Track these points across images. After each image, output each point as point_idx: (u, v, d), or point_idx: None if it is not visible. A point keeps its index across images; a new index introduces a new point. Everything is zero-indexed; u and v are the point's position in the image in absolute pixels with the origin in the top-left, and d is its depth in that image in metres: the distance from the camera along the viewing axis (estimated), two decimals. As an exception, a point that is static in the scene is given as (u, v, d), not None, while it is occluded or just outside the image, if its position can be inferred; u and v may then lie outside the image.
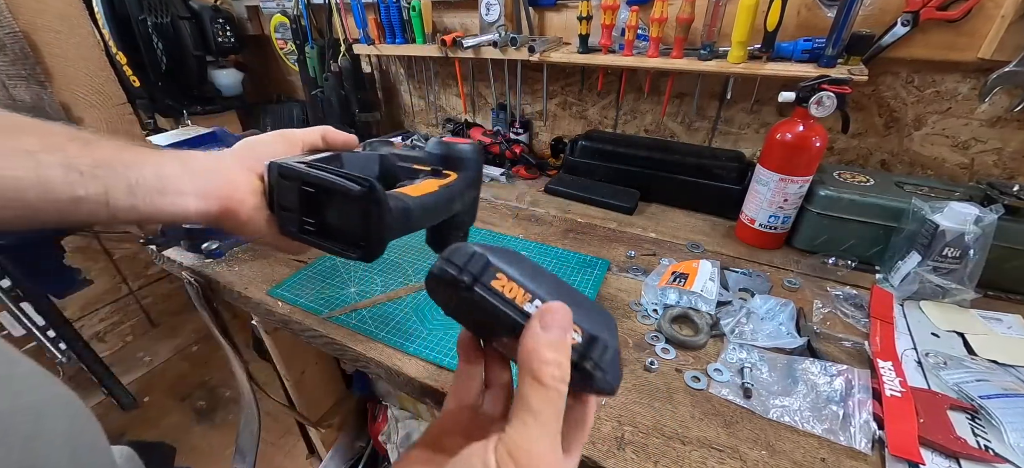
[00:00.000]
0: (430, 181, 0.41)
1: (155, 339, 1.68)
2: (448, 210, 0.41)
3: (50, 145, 0.27)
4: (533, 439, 0.20)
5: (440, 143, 0.44)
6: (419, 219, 0.37)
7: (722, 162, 0.81)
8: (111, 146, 0.30)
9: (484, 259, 0.24)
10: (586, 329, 0.23)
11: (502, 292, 0.23)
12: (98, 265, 1.46)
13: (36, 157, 0.27)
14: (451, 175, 0.43)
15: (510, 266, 0.24)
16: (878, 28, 0.69)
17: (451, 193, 0.41)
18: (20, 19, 0.94)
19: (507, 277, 0.23)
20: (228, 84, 1.46)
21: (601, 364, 0.23)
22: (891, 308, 0.57)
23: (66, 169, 0.27)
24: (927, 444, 0.40)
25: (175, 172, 0.31)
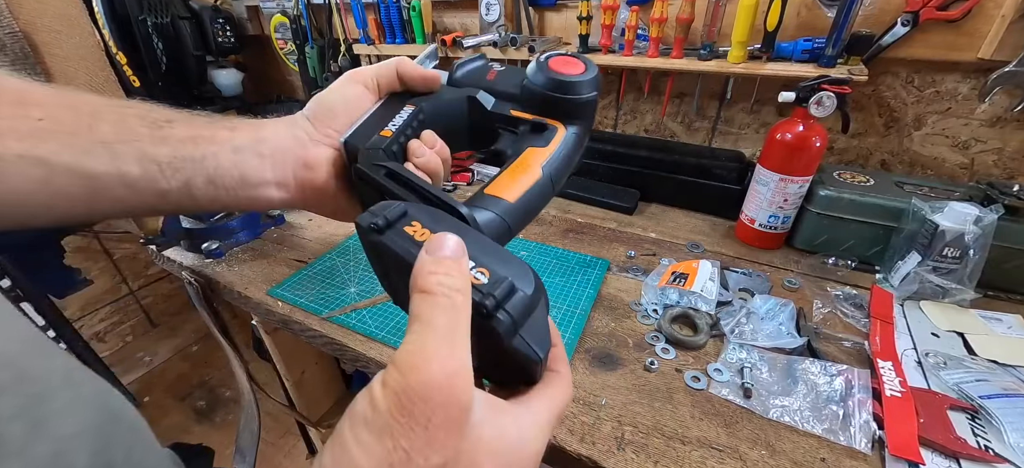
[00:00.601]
0: (530, 154, 0.31)
1: (155, 339, 1.69)
2: (550, 193, 0.31)
3: (124, 133, 0.26)
4: (419, 344, 0.16)
5: (544, 70, 0.32)
6: (516, 230, 0.29)
7: (722, 162, 0.81)
8: (184, 130, 0.29)
9: (403, 209, 0.23)
10: (495, 270, 0.21)
11: (412, 236, 0.22)
12: (98, 265, 1.47)
13: (112, 148, 0.26)
14: (558, 129, 0.32)
15: (435, 221, 0.23)
16: (878, 28, 0.69)
17: (555, 172, 0.31)
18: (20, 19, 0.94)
19: (421, 224, 0.22)
20: (228, 84, 1.46)
21: (508, 307, 0.20)
22: (891, 308, 0.57)
23: (143, 162, 0.26)
24: (927, 444, 0.40)
25: (253, 162, 0.30)
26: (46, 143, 0.24)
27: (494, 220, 0.27)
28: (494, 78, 0.36)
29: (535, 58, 0.34)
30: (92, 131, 0.25)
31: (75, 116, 0.25)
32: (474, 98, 0.34)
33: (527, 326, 0.21)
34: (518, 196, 0.29)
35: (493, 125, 0.34)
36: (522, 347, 0.20)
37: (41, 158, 0.24)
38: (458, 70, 0.36)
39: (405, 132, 0.32)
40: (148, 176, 0.27)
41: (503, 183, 0.29)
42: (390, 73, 0.34)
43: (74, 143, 0.25)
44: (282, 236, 0.78)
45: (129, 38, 1.18)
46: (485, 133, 0.35)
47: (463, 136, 0.37)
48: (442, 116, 0.35)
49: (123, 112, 0.27)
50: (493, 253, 0.22)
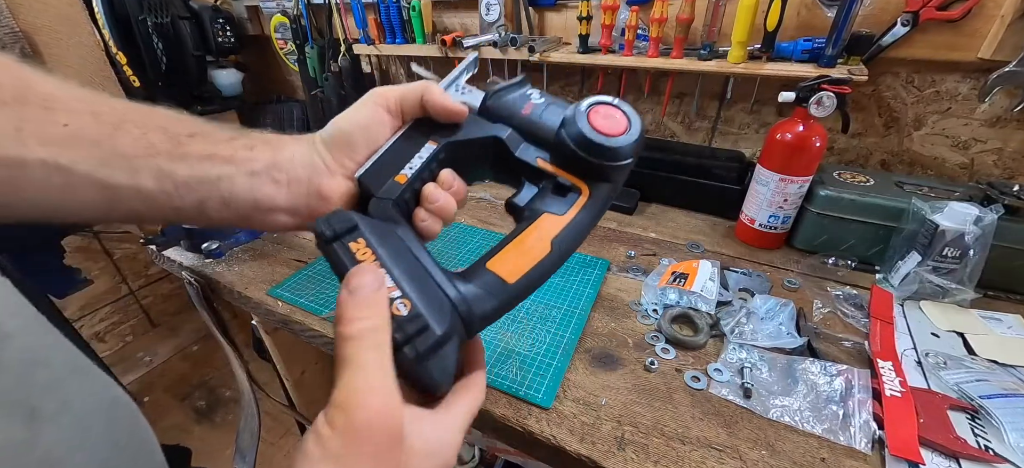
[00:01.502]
0: (544, 223, 0.29)
1: (155, 339, 1.68)
2: (556, 268, 0.29)
3: (144, 147, 0.26)
4: (356, 385, 0.20)
5: (583, 124, 0.29)
6: (508, 309, 0.28)
7: (722, 162, 0.81)
8: (203, 146, 0.28)
9: (353, 223, 0.25)
10: (416, 305, 0.23)
11: (354, 253, 0.25)
12: (98, 265, 1.46)
13: (131, 162, 0.26)
14: (582, 193, 0.30)
15: (381, 242, 0.25)
16: (878, 28, 0.69)
17: (566, 246, 0.29)
18: (20, 19, 0.94)
19: (366, 243, 0.25)
20: (228, 84, 1.46)
21: (416, 343, 0.23)
22: (891, 308, 0.57)
23: (159, 178, 0.27)
24: (927, 444, 0.40)
25: (268, 189, 0.30)
26: (69, 150, 0.24)
27: (484, 298, 0.26)
28: (529, 112, 0.32)
29: (576, 105, 0.31)
30: (114, 141, 0.26)
31: (98, 124, 0.26)
32: (501, 141, 0.32)
33: (433, 360, 0.23)
34: (518, 277, 0.28)
35: (517, 170, 0.32)
36: (423, 377, 0.23)
37: (63, 166, 0.24)
38: (492, 98, 0.33)
39: (422, 176, 0.31)
40: (164, 192, 0.27)
41: (507, 259, 0.28)
42: (415, 99, 0.32)
43: (95, 153, 0.25)
44: (282, 236, 0.78)
45: (129, 38, 1.18)
46: (507, 173, 0.34)
47: (485, 172, 0.35)
48: (464, 153, 0.32)
49: (146, 122, 0.27)
50: (424, 288, 0.25)
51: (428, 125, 0.32)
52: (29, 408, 0.18)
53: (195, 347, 1.74)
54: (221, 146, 0.29)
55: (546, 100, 0.33)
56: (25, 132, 0.23)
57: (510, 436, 0.46)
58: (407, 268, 0.25)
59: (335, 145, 0.31)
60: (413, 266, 0.26)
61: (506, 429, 0.45)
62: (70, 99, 0.25)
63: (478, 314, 0.26)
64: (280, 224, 0.31)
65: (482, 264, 0.28)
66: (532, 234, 0.29)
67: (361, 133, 0.31)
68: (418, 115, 0.32)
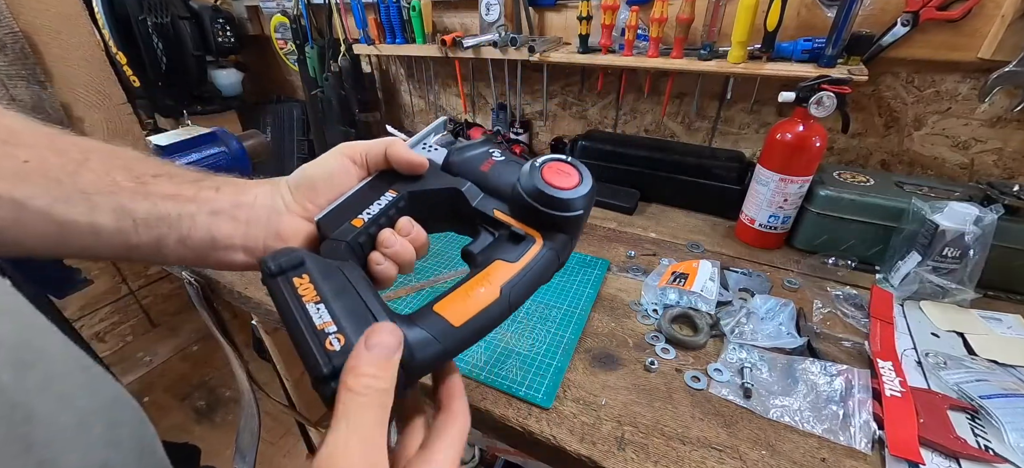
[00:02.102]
0: (495, 269, 0.30)
1: (155, 339, 1.68)
2: (505, 314, 0.30)
3: (106, 184, 0.26)
4: (339, 443, 0.19)
5: (535, 177, 0.31)
6: (456, 353, 0.28)
7: (722, 162, 0.81)
8: (169, 187, 0.28)
9: (300, 260, 0.25)
10: (349, 340, 0.23)
11: (296, 287, 0.24)
12: (98, 265, 1.46)
13: (90, 198, 0.26)
14: (535, 242, 0.31)
15: (325, 278, 0.25)
16: (878, 28, 0.69)
17: (516, 294, 0.29)
18: (20, 19, 0.94)
19: (309, 278, 0.24)
20: (228, 84, 1.46)
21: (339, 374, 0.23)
22: (891, 308, 0.57)
23: (118, 214, 0.26)
24: (927, 444, 0.40)
25: (226, 227, 0.30)
26: (25, 186, 0.24)
27: (428, 342, 0.26)
28: (489, 170, 0.34)
29: (532, 162, 0.32)
30: (75, 178, 0.25)
31: (62, 161, 0.25)
32: (460, 192, 0.33)
33: None
34: (465, 320, 0.27)
35: (474, 221, 0.34)
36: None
37: (17, 200, 0.24)
38: (454, 156, 0.35)
39: (379, 221, 0.32)
40: (121, 230, 0.27)
41: (454, 302, 0.28)
42: (379, 153, 0.34)
43: (54, 189, 0.25)
44: (282, 236, 0.78)
45: (129, 38, 1.18)
46: (465, 223, 0.34)
47: (444, 222, 0.36)
48: (424, 203, 0.34)
49: (111, 162, 0.27)
50: (360, 321, 0.24)
51: (391, 176, 0.34)
52: (25, 409, 0.18)
53: (195, 347, 1.74)
54: (186, 187, 0.29)
55: (506, 158, 0.35)
56: None
57: (510, 436, 0.46)
58: (347, 304, 0.25)
59: (298, 189, 0.32)
60: (355, 304, 0.25)
61: (506, 429, 0.45)
62: (32, 135, 0.25)
63: (419, 358, 0.25)
64: (234, 262, 0.31)
65: (429, 307, 0.28)
66: (482, 279, 0.29)
67: (325, 180, 0.33)
68: (383, 167, 0.34)
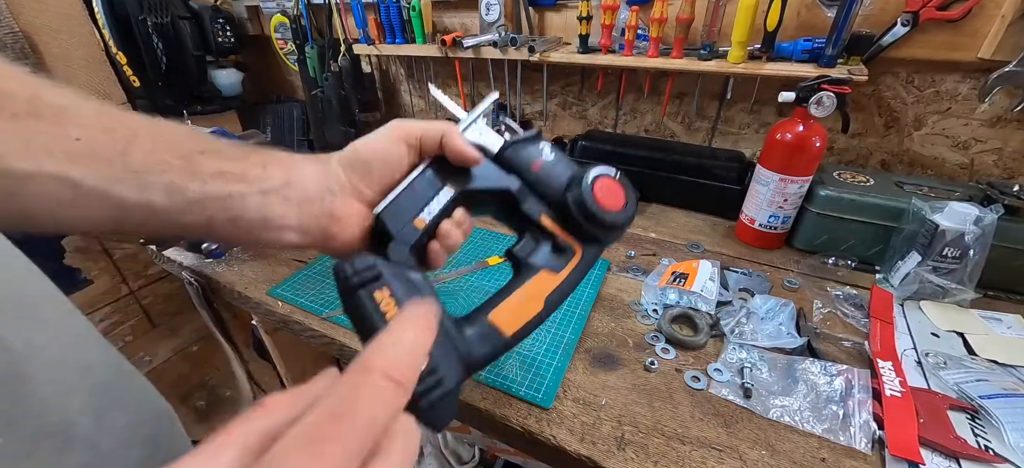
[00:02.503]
0: (541, 281, 0.32)
1: (155, 339, 1.68)
2: (543, 321, 0.33)
3: (156, 164, 0.26)
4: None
5: (588, 195, 0.32)
6: (499, 357, 0.31)
7: (722, 162, 0.81)
8: (215, 163, 0.28)
9: (378, 271, 0.26)
10: (435, 361, 0.24)
11: (379, 304, 0.25)
12: (98, 265, 1.46)
13: (142, 178, 0.26)
14: (576, 253, 0.33)
15: (399, 287, 0.26)
16: (878, 28, 0.69)
17: (555, 303, 0.32)
18: (20, 19, 0.94)
19: (391, 293, 0.25)
20: (228, 84, 1.46)
21: (430, 396, 0.24)
22: (891, 308, 0.57)
23: (170, 194, 0.26)
24: (927, 444, 0.40)
25: (279, 208, 0.30)
26: (79, 165, 0.24)
27: (484, 349, 0.29)
28: (539, 170, 0.35)
29: (583, 174, 0.34)
30: (125, 157, 0.25)
31: (111, 139, 0.25)
32: (512, 194, 0.34)
33: (440, 408, 0.24)
34: (514, 331, 0.31)
35: (521, 222, 0.35)
36: (429, 423, 0.24)
37: (73, 180, 0.24)
38: (509, 149, 0.36)
39: (438, 220, 0.33)
40: (175, 209, 0.27)
41: (507, 314, 0.31)
42: (434, 139, 0.33)
43: (106, 169, 0.25)
44: (282, 236, 0.78)
45: (129, 38, 1.18)
46: (510, 220, 0.36)
47: (489, 213, 0.38)
48: (475, 198, 0.35)
49: (157, 139, 0.27)
50: (440, 340, 0.25)
51: (446, 167, 0.34)
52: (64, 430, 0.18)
53: (195, 347, 1.74)
54: (233, 164, 0.29)
55: (555, 158, 0.36)
56: (34, 146, 0.23)
57: (510, 436, 0.46)
58: None
59: (353, 169, 0.32)
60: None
61: (506, 429, 0.45)
62: (82, 113, 0.25)
63: (476, 360, 0.29)
64: (289, 242, 0.31)
65: (484, 314, 0.30)
66: (530, 290, 0.32)
67: (380, 162, 0.33)
68: (436, 153, 0.34)
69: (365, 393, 0.15)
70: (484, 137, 0.36)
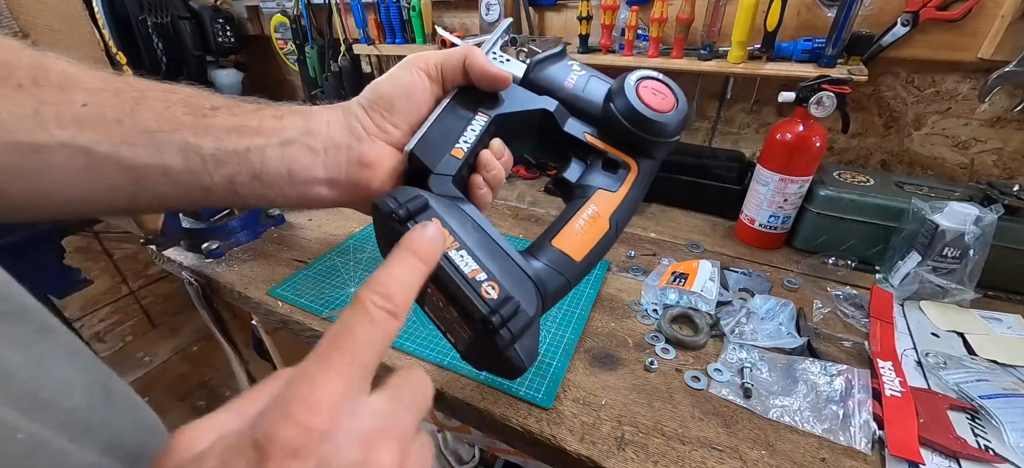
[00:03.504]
0: (600, 201, 0.29)
1: (155, 339, 1.68)
2: (614, 242, 0.29)
3: (167, 121, 0.25)
4: (309, 377, 0.15)
5: (632, 97, 0.29)
6: (576, 284, 0.28)
7: (722, 162, 0.81)
8: (228, 119, 0.27)
9: (425, 202, 0.24)
10: (503, 287, 0.22)
11: None
12: (98, 265, 1.46)
13: (155, 138, 0.25)
14: (631, 168, 0.30)
15: (458, 223, 0.23)
16: (878, 28, 0.69)
17: (622, 220, 0.29)
18: (20, 19, 0.94)
19: (442, 223, 0.23)
20: (228, 84, 1.46)
21: (510, 325, 0.22)
22: (891, 308, 0.57)
23: (186, 153, 0.25)
24: (927, 444, 0.40)
25: (304, 158, 0.28)
26: (88, 131, 0.23)
27: (556, 278, 0.26)
28: (573, 86, 0.32)
29: (623, 78, 0.30)
30: (135, 117, 0.24)
31: (118, 101, 0.24)
32: (550, 114, 0.31)
33: (523, 340, 0.22)
34: (585, 255, 0.28)
35: (563, 146, 0.32)
36: (514, 358, 0.22)
37: (83, 147, 0.23)
38: (536, 69, 0.32)
39: (475, 149, 0.30)
40: (191, 170, 0.26)
41: (572, 237, 0.28)
42: (457, 65, 0.30)
43: (116, 131, 0.24)
44: (282, 236, 0.78)
45: (129, 38, 1.18)
46: (552, 149, 0.33)
47: (528, 145, 0.34)
48: (511, 125, 0.31)
49: (167, 98, 0.26)
50: (505, 267, 0.24)
51: (472, 95, 0.31)
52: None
53: (195, 347, 1.74)
54: (247, 117, 0.27)
55: (587, 73, 0.33)
56: (43, 115, 0.22)
57: (510, 436, 0.46)
58: (487, 249, 0.24)
59: (375, 109, 0.30)
60: (491, 246, 0.25)
61: (506, 429, 0.45)
62: (87, 78, 0.24)
63: (551, 292, 0.26)
64: (319, 198, 0.29)
65: (547, 241, 0.28)
66: (591, 211, 0.29)
67: (402, 98, 0.30)
68: (459, 82, 0.31)
69: (359, 317, 0.17)
70: (509, 66, 0.33)
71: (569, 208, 0.29)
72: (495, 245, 0.25)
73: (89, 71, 0.25)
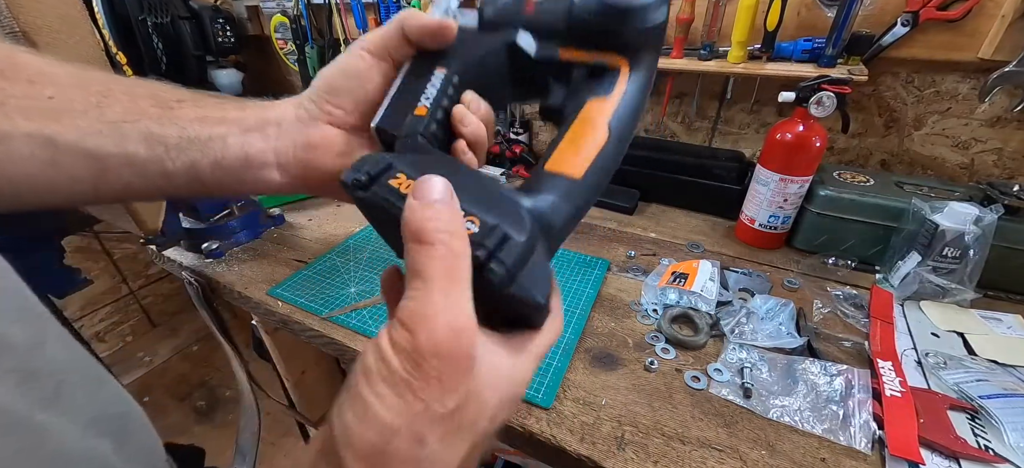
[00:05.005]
0: (592, 109, 0.25)
1: (155, 339, 1.69)
2: (621, 154, 0.26)
3: (132, 112, 0.26)
4: (422, 301, 0.17)
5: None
6: (586, 209, 0.25)
7: (722, 162, 0.81)
8: (193, 110, 0.28)
9: (386, 161, 0.21)
10: (484, 219, 0.19)
11: (397, 188, 0.20)
12: (98, 265, 1.47)
13: (119, 127, 0.25)
14: (621, 69, 0.26)
15: (416, 168, 0.21)
16: (878, 28, 0.69)
17: (624, 128, 0.25)
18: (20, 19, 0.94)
19: (406, 176, 0.21)
20: (228, 84, 1.45)
21: (501, 256, 0.19)
22: (891, 308, 0.57)
23: (149, 142, 0.26)
24: (927, 444, 0.40)
25: (258, 144, 0.29)
26: (54, 122, 0.24)
27: (558, 205, 0.23)
28: (534, 10, 0.29)
29: None
30: (101, 109, 0.25)
31: (85, 94, 0.25)
32: (514, 44, 0.28)
33: (524, 273, 0.20)
34: (585, 169, 0.24)
35: (541, 74, 0.29)
36: (520, 293, 0.19)
37: (48, 138, 0.24)
38: (489, 9, 0.30)
39: (441, 103, 0.27)
40: (154, 157, 0.26)
41: (564, 154, 0.25)
42: (396, 32, 0.29)
43: (82, 123, 0.25)
44: (282, 236, 0.78)
45: (129, 38, 1.18)
46: (531, 84, 0.30)
47: (506, 90, 0.31)
48: (479, 73, 0.29)
49: (133, 91, 0.27)
50: (483, 198, 0.21)
51: (429, 57, 0.29)
52: (32, 419, 0.19)
53: (195, 347, 1.74)
54: (211, 108, 0.29)
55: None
56: (9, 106, 0.23)
57: (510, 436, 0.46)
58: (464, 186, 0.20)
59: (319, 94, 0.31)
60: (469, 181, 0.22)
61: (506, 429, 0.45)
62: (56, 73, 0.25)
63: (557, 221, 0.23)
64: (271, 182, 0.31)
65: (540, 169, 0.25)
66: (583, 124, 0.25)
67: (342, 76, 0.30)
68: (408, 50, 0.30)
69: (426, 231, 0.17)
70: (463, 18, 0.31)
71: (560, 131, 0.26)
72: (478, 183, 0.22)
73: (62, 66, 0.26)
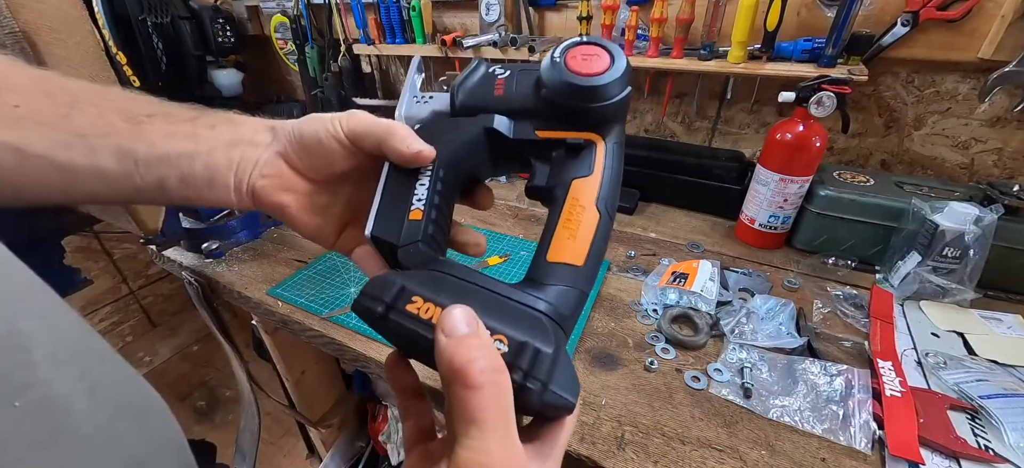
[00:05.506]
0: (579, 191, 0.27)
1: (155, 339, 1.68)
2: (610, 228, 0.27)
3: (102, 126, 0.26)
4: (483, 450, 0.17)
5: (561, 72, 0.27)
6: (590, 291, 0.26)
7: (722, 162, 0.81)
8: (163, 126, 0.28)
9: (399, 285, 0.23)
10: (512, 336, 0.21)
11: (417, 314, 0.22)
12: (98, 265, 1.46)
13: (89, 142, 0.25)
14: (596, 145, 0.28)
15: (437, 290, 0.23)
16: (878, 28, 0.69)
17: (610, 203, 0.27)
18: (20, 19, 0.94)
19: (423, 299, 0.22)
20: (228, 84, 1.46)
21: (536, 374, 0.20)
22: (891, 308, 0.57)
23: (120, 157, 0.26)
24: (927, 444, 0.40)
25: (223, 163, 0.29)
26: (21, 131, 0.24)
27: (567, 295, 0.24)
28: (503, 91, 0.30)
29: (549, 54, 0.28)
30: (69, 121, 0.25)
31: (52, 104, 0.25)
32: (492, 130, 0.29)
33: (556, 380, 0.21)
34: (585, 255, 0.25)
35: (519, 153, 0.30)
36: (554, 401, 0.20)
37: (16, 146, 0.24)
38: (460, 93, 0.31)
39: (434, 202, 0.28)
40: (124, 172, 0.27)
41: (563, 243, 0.26)
42: (375, 147, 0.29)
43: (50, 134, 0.25)
44: (282, 236, 0.78)
45: (129, 38, 1.18)
46: (513, 160, 0.31)
47: (487, 169, 0.32)
48: (461, 160, 0.30)
49: (102, 103, 0.27)
50: (502, 311, 0.22)
51: None
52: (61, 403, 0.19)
53: (195, 347, 1.74)
54: (182, 125, 0.29)
55: (515, 70, 0.31)
56: None
57: (510, 436, 0.46)
58: (481, 302, 0.22)
59: (292, 141, 0.31)
60: (485, 297, 0.23)
61: (506, 429, 0.45)
62: (20, 80, 0.25)
63: (568, 314, 0.24)
64: (229, 202, 0.31)
65: (542, 260, 0.26)
66: (575, 209, 0.26)
67: (315, 144, 0.30)
68: (378, 154, 0.30)
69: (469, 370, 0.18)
70: (431, 103, 0.32)
71: (552, 213, 0.27)
72: (492, 296, 0.24)
73: (23, 71, 0.26)
